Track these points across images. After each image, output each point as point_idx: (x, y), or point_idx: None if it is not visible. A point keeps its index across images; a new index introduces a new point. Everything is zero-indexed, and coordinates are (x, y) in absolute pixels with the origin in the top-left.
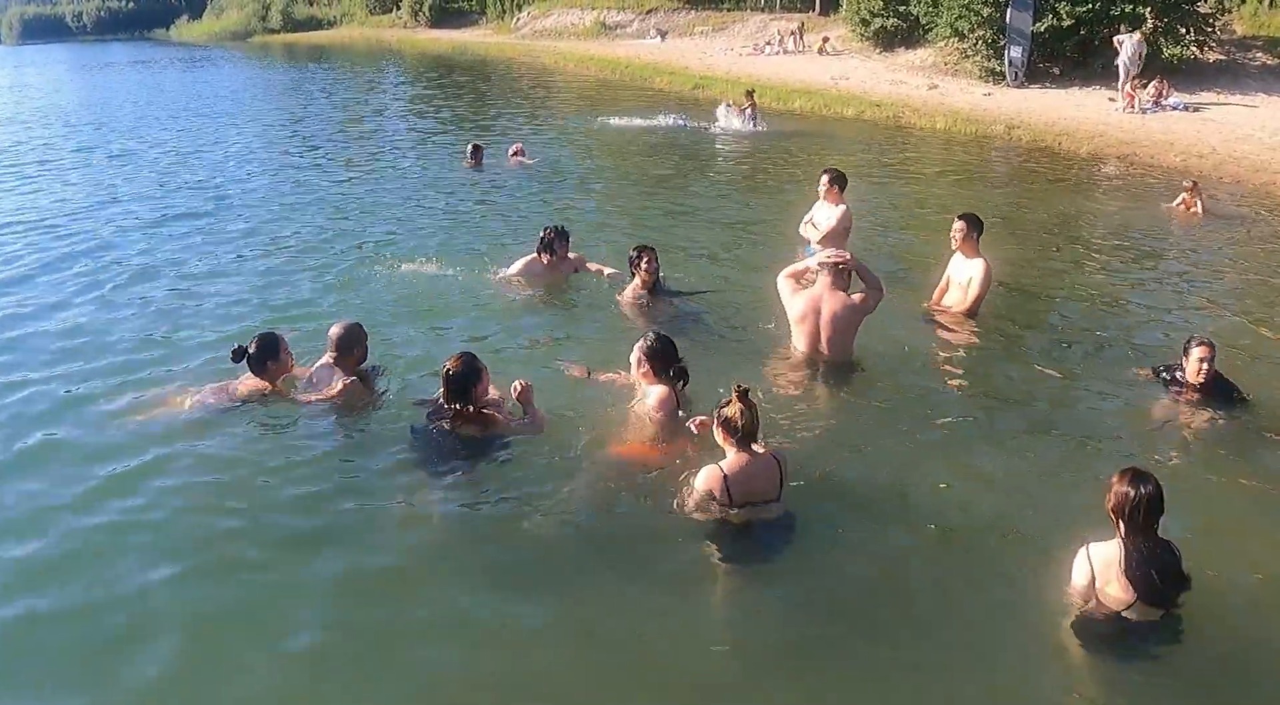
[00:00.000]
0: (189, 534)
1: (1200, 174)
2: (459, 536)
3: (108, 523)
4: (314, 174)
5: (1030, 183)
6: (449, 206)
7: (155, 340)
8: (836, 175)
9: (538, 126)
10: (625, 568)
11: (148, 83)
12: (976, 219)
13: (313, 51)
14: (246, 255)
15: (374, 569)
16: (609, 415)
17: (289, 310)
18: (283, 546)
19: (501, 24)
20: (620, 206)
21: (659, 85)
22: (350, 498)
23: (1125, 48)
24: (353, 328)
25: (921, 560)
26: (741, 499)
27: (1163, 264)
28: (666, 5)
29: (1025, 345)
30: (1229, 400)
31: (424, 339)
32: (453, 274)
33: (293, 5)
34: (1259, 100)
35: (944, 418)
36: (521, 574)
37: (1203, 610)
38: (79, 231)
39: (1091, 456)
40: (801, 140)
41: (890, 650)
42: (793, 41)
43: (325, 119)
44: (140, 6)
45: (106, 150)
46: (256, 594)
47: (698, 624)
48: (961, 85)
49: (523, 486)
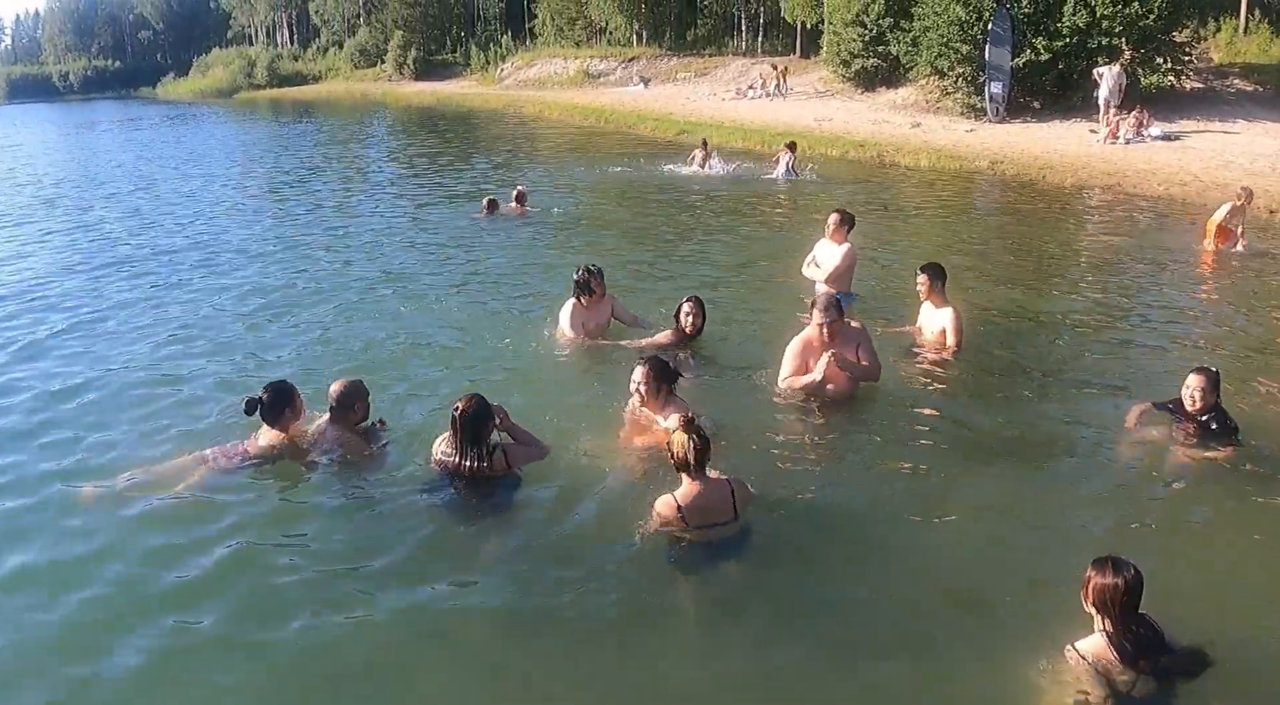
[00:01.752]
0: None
1: (1185, 202)
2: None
3: (118, 603)
4: (305, 228)
5: (1017, 217)
6: (472, 258)
7: (159, 405)
8: (846, 215)
9: (539, 176)
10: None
11: (138, 140)
12: (938, 268)
13: (299, 106)
14: (278, 312)
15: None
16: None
17: (317, 363)
18: (293, 622)
19: (485, 75)
20: (617, 251)
21: (643, 132)
22: (355, 558)
23: (1105, 79)
24: (352, 385)
25: (897, 585)
26: (697, 522)
27: (1154, 295)
28: (649, 53)
29: (1012, 379)
30: (1226, 433)
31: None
32: (499, 334)
33: (278, 61)
34: (1238, 126)
35: (926, 447)
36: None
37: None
38: (82, 290)
39: (1070, 487)
40: (788, 183)
41: (850, 673)
42: (774, 85)
43: (324, 174)
44: (126, 66)
45: (108, 207)
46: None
47: (662, 646)
48: (944, 122)
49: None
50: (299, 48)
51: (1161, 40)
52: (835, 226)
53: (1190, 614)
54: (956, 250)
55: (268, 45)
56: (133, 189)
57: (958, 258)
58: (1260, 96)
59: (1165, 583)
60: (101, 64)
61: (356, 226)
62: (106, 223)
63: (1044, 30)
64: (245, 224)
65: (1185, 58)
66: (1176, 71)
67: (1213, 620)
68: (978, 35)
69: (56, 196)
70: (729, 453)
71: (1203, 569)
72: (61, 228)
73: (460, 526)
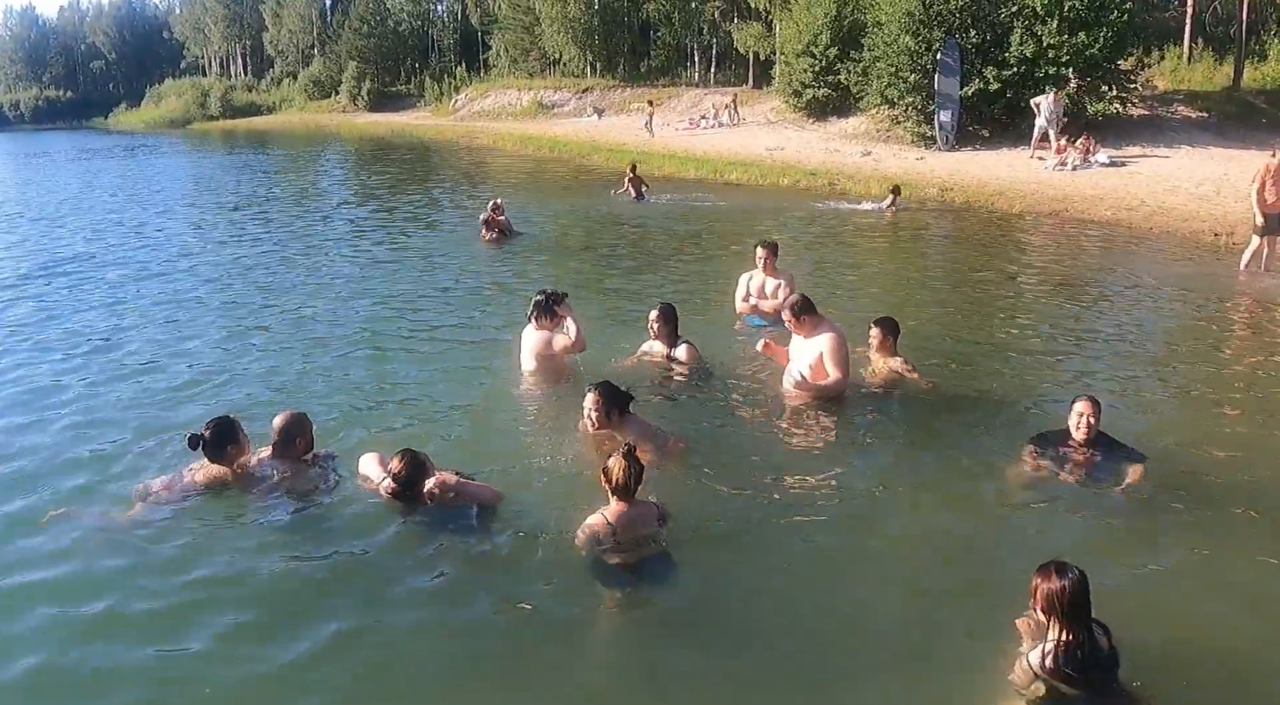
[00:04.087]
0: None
1: (1131, 226)
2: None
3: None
4: (266, 258)
5: (966, 243)
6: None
7: (107, 439)
8: (772, 246)
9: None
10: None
11: (94, 170)
12: (893, 323)
13: (254, 137)
14: (252, 342)
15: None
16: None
17: (309, 394)
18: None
19: (440, 106)
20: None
21: (597, 162)
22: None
23: (1042, 108)
24: (295, 417)
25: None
26: (626, 540)
27: (1103, 321)
28: (603, 83)
29: (957, 406)
30: (1116, 457)
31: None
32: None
33: (232, 92)
34: (1183, 152)
35: (883, 469)
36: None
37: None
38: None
39: (972, 517)
40: (739, 211)
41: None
42: (728, 115)
43: (277, 203)
44: (79, 96)
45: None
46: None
47: (608, 657)
48: (894, 151)
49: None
50: (253, 78)
51: (1107, 68)
52: (765, 257)
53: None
54: (904, 275)
55: (222, 76)
56: (80, 223)
57: (904, 285)
58: (1204, 122)
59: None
60: (53, 94)
61: (310, 256)
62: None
63: (992, 60)
64: (192, 253)
65: (1130, 85)
66: (1122, 99)
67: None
68: (927, 65)
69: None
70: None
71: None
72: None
73: (404, 553)
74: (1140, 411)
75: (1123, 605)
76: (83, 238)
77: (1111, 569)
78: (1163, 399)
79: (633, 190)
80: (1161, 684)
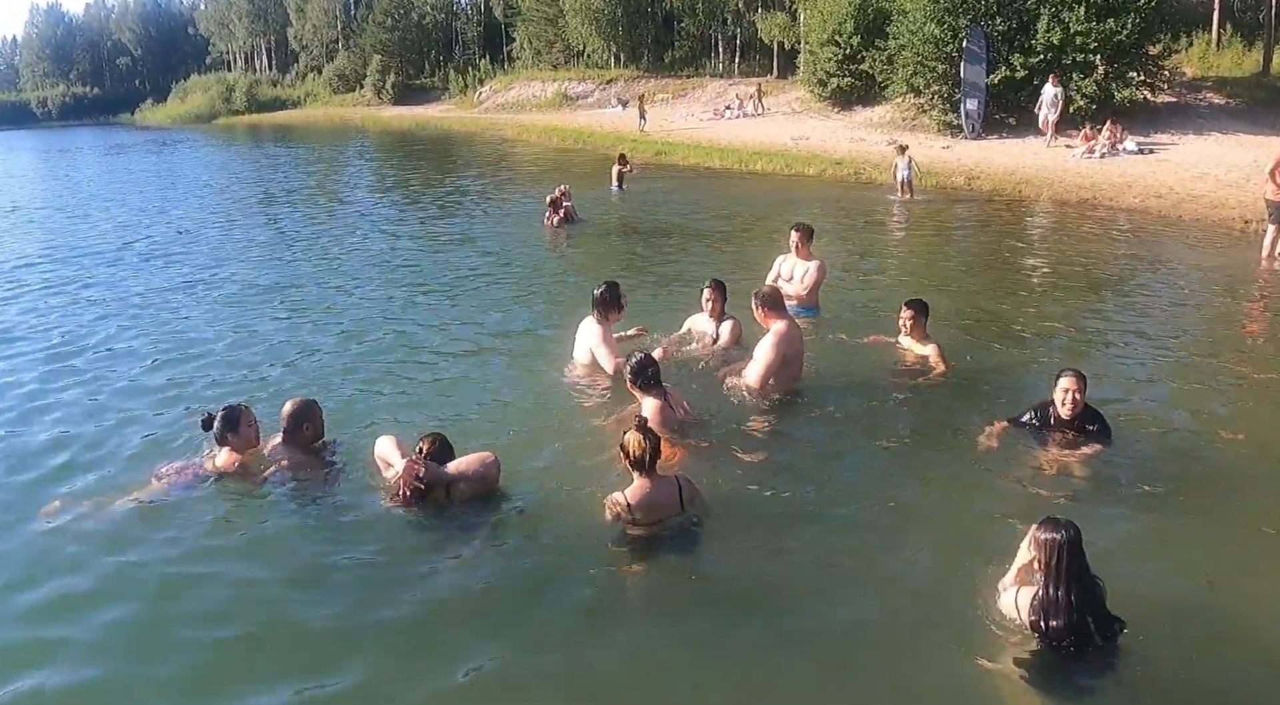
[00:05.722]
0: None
1: (1160, 214)
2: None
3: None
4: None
5: (994, 231)
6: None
7: (130, 423)
8: (806, 229)
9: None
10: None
11: (128, 166)
12: (923, 304)
13: (280, 131)
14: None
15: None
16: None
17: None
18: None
19: (464, 98)
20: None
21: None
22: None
23: (1045, 96)
24: (302, 404)
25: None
26: (644, 518)
27: (1129, 312)
28: (627, 74)
29: (980, 392)
30: (1101, 431)
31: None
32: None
33: (257, 87)
34: (1212, 139)
35: (899, 455)
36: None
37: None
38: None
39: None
40: (765, 199)
41: (799, 664)
42: (752, 105)
43: (308, 195)
44: (105, 92)
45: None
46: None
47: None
48: (920, 139)
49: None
50: (278, 73)
51: (1134, 54)
52: (800, 242)
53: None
54: (931, 264)
55: (246, 71)
56: (108, 214)
57: (931, 272)
58: (1233, 109)
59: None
60: (80, 91)
61: (339, 245)
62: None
63: (1019, 47)
64: (223, 244)
65: (1158, 71)
66: (1150, 85)
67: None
68: (953, 53)
69: (36, 220)
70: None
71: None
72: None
73: (414, 538)
74: (1168, 403)
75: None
76: (114, 227)
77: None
78: (1198, 389)
79: (615, 181)
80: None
